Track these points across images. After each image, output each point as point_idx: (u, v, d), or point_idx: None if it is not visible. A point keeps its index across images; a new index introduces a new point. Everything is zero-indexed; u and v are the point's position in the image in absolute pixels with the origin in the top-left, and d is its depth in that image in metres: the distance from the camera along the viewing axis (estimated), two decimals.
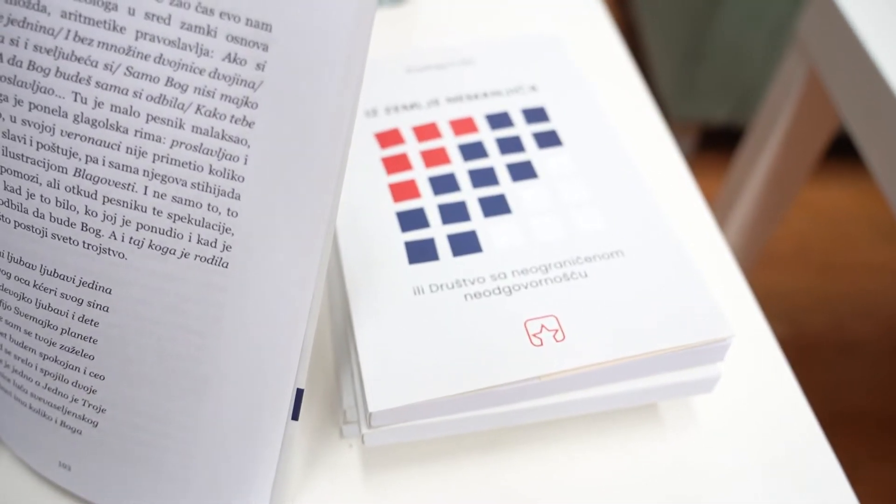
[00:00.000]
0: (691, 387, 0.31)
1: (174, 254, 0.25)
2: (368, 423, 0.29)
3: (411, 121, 0.38)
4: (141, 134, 0.24)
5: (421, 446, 0.33)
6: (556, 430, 0.34)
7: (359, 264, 0.32)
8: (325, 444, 0.33)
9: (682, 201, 0.43)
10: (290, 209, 0.25)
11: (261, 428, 0.28)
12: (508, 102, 0.39)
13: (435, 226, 0.34)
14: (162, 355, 0.27)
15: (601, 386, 0.30)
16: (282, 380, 0.27)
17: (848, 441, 1.03)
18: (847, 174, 1.37)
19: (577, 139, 0.37)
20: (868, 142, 0.54)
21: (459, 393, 0.29)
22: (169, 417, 0.28)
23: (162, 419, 0.28)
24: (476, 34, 0.53)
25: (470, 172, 0.36)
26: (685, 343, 0.30)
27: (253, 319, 0.26)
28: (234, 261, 0.25)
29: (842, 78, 0.57)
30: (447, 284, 0.32)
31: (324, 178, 0.24)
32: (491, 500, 0.32)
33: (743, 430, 0.34)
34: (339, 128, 0.24)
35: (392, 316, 0.31)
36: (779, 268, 1.22)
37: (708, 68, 1.16)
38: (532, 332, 0.30)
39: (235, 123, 0.24)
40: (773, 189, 0.72)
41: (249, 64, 0.23)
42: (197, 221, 0.25)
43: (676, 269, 0.32)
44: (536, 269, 0.32)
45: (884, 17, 0.56)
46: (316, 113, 0.23)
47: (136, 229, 0.25)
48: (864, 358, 1.12)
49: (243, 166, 0.24)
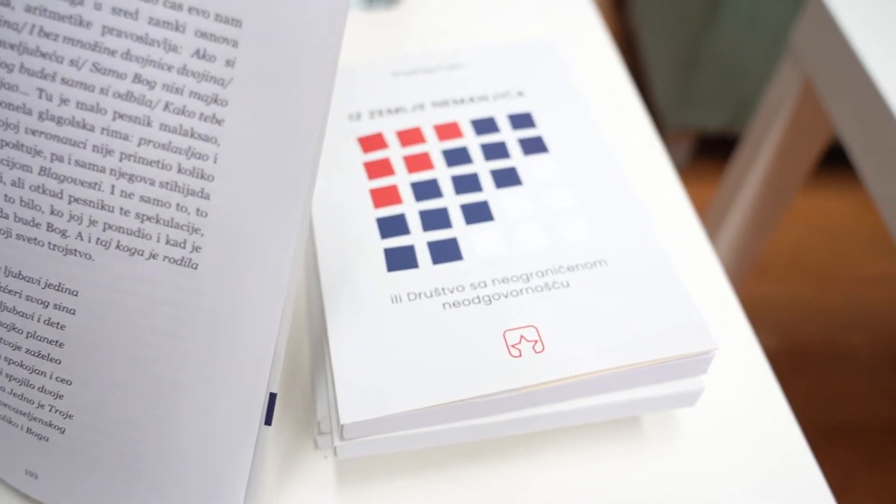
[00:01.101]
0: (674, 400, 0.30)
1: (142, 255, 0.25)
2: (340, 435, 0.28)
3: (395, 125, 0.38)
4: (107, 132, 0.23)
5: (397, 458, 0.32)
6: (537, 442, 0.33)
7: (336, 271, 0.32)
8: (300, 454, 0.32)
9: (671, 210, 0.42)
10: (262, 210, 0.24)
11: (233, 433, 0.27)
12: (495, 107, 0.38)
13: (415, 233, 0.33)
14: (131, 359, 0.26)
15: (581, 398, 0.30)
16: (254, 384, 0.26)
17: (843, 451, 1.02)
18: (844, 184, 1.36)
19: (564, 146, 0.37)
20: (861, 152, 0.53)
21: (434, 405, 0.28)
22: (139, 423, 0.27)
23: (132, 425, 0.27)
24: (469, 39, 0.52)
25: (453, 178, 0.35)
26: (667, 356, 0.29)
27: (224, 322, 0.25)
28: (203, 262, 0.25)
29: (835, 87, 0.56)
30: (426, 293, 0.31)
31: (296, 178, 0.24)
32: None
33: (728, 445, 0.33)
34: (311, 126, 0.23)
35: (368, 325, 0.30)
36: (773, 277, 1.22)
37: (704, 76, 1.15)
38: (511, 343, 0.29)
39: (205, 121, 0.23)
40: (766, 197, 0.72)
41: (219, 60, 0.22)
42: (165, 222, 0.24)
43: (661, 279, 0.32)
44: (517, 278, 0.31)
45: (878, 27, 0.55)
46: (288, 111, 0.23)
47: (103, 230, 0.24)
48: (859, 369, 1.11)
49: (213, 165, 0.23)
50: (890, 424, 1.05)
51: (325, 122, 0.23)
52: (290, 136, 0.23)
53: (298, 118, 0.23)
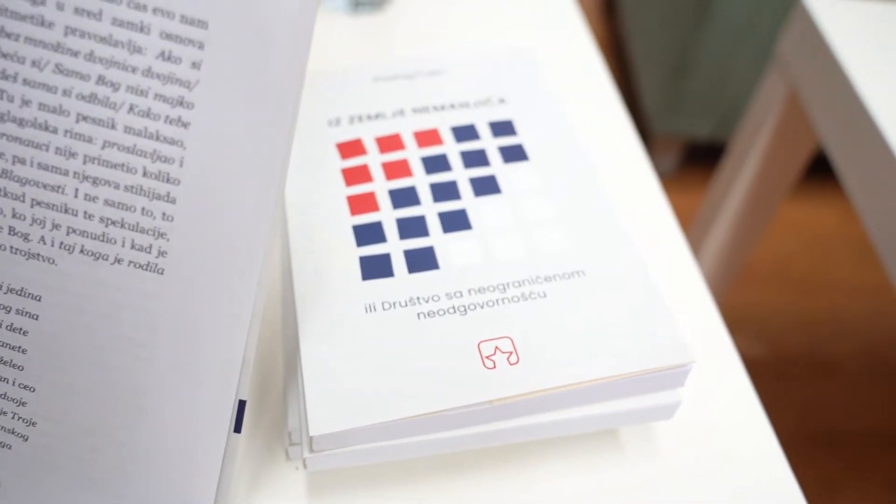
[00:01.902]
0: (651, 413, 0.30)
1: (107, 259, 0.24)
2: (310, 446, 0.28)
3: (375, 131, 0.37)
4: (71, 134, 0.23)
5: (370, 469, 0.32)
6: (513, 455, 0.32)
7: (310, 278, 0.31)
8: (271, 465, 0.31)
9: (653, 220, 0.42)
10: (230, 214, 0.24)
11: (201, 440, 0.26)
12: (476, 115, 0.38)
13: (392, 241, 0.32)
14: (95, 366, 0.26)
15: (556, 411, 0.29)
16: (223, 390, 0.26)
17: (827, 459, 1.02)
18: (830, 194, 1.37)
19: (544, 154, 0.36)
20: (844, 162, 0.53)
21: (406, 417, 0.27)
22: (104, 431, 0.26)
23: (97, 433, 0.27)
24: (455, 44, 0.52)
25: (431, 186, 0.35)
26: (644, 368, 0.29)
27: (191, 328, 0.25)
28: (169, 267, 0.24)
29: (820, 97, 0.56)
30: (400, 302, 0.30)
31: (265, 182, 0.23)
32: None
33: (706, 458, 0.33)
34: (280, 129, 0.23)
35: (341, 334, 0.29)
36: (759, 286, 1.22)
37: (693, 84, 1.15)
38: (485, 355, 0.29)
39: (170, 124, 0.22)
40: (752, 205, 0.72)
41: (185, 62, 0.22)
42: (130, 226, 0.24)
43: (639, 291, 0.31)
44: (494, 288, 0.31)
45: (863, 38, 0.55)
46: (256, 114, 0.22)
47: (67, 234, 0.24)
48: (843, 378, 1.11)
49: (179, 169, 0.23)
50: (874, 434, 1.05)
51: (295, 123, 0.22)
52: (258, 140, 0.23)
53: (267, 121, 0.22)
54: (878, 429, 1.06)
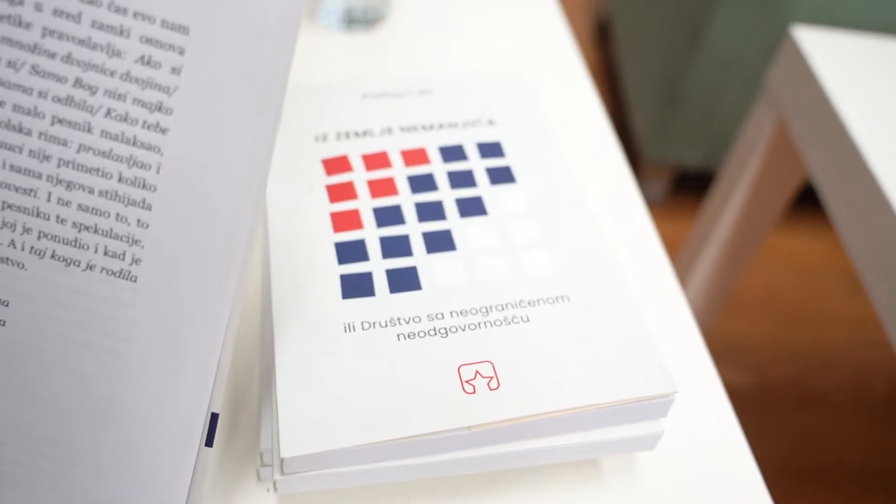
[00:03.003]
0: (632, 443, 0.29)
1: (78, 266, 0.23)
2: (281, 469, 0.27)
3: (362, 148, 0.37)
4: (45, 137, 0.22)
5: (343, 494, 0.31)
6: (492, 483, 0.31)
7: (289, 295, 0.31)
8: (242, 487, 0.31)
9: (640, 248, 0.42)
10: (206, 222, 0.23)
11: (171, 454, 0.25)
12: (464, 135, 0.37)
13: (374, 259, 0.32)
14: (63, 375, 0.25)
15: (536, 439, 0.28)
16: (195, 403, 0.25)
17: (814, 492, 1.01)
18: (818, 225, 1.37)
19: (532, 178, 0.36)
20: (832, 193, 0.53)
21: (381, 441, 0.27)
22: (69, 442, 0.25)
23: (62, 444, 0.26)
24: (447, 65, 0.52)
25: (417, 205, 0.34)
26: (626, 398, 0.28)
27: (163, 338, 0.24)
28: (143, 275, 0.23)
29: (808, 129, 0.56)
30: (380, 322, 0.30)
31: (244, 192, 0.22)
32: None
33: (689, 490, 0.32)
34: (261, 138, 0.22)
35: (318, 353, 0.29)
36: (746, 315, 1.21)
37: (683, 113, 1.16)
38: (465, 379, 0.28)
39: (148, 129, 0.22)
40: (740, 234, 0.72)
41: (164, 67, 0.21)
42: (104, 232, 0.23)
43: (624, 319, 0.31)
44: (476, 311, 0.30)
45: (851, 72, 0.56)
46: (236, 122, 0.22)
47: (38, 238, 0.23)
48: (830, 410, 1.11)
49: (155, 175, 0.22)
50: (861, 467, 1.05)
51: (276, 132, 0.22)
52: (237, 148, 0.22)
53: (247, 129, 0.22)
54: (866, 462, 1.05)
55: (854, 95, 0.53)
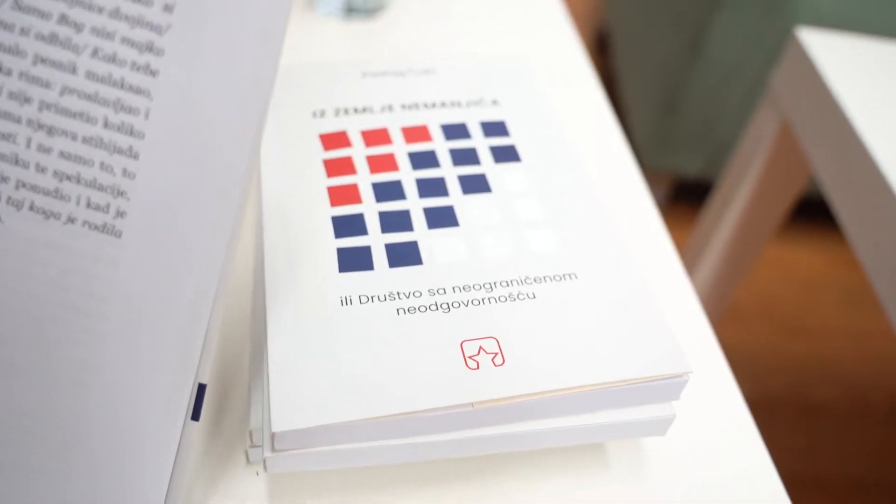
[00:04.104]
0: (642, 427, 0.28)
1: (59, 218, 0.22)
2: (272, 445, 0.25)
3: (361, 125, 0.35)
4: (26, 77, 0.21)
5: (336, 476, 0.29)
6: (492, 469, 0.30)
7: (282, 267, 0.29)
8: (229, 469, 0.29)
9: (650, 245, 0.40)
10: (198, 174, 0.21)
11: (153, 426, 0.24)
12: (467, 114, 0.36)
13: (373, 233, 0.30)
14: (39, 339, 0.23)
15: (542, 420, 0.27)
16: (180, 372, 0.23)
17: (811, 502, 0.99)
18: (817, 237, 1.37)
19: (537, 157, 0.35)
20: (838, 194, 0.52)
21: (378, 417, 0.25)
22: (45, 412, 0.24)
23: (36, 415, 0.24)
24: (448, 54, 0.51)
25: (418, 181, 0.33)
26: (637, 377, 0.27)
27: (147, 300, 0.22)
28: (128, 230, 0.22)
29: (814, 131, 0.55)
30: (379, 296, 0.28)
31: (239, 140, 0.21)
32: None
33: (698, 481, 0.30)
34: (258, 82, 0.21)
35: (313, 326, 0.27)
36: (744, 325, 1.20)
37: (682, 122, 1.15)
38: (468, 354, 0.27)
39: (137, 71, 0.20)
40: (739, 243, 0.71)
41: (156, 5, 0.20)
42: (87, 182, 0.21)
43: (633, 297, 0.29)
44: (480, 287, 0.29)
45: (856, 73, 0.55)
46: (232, 63, 0.20)
47: (16, 188, 0.22)
48: (828, 421, 1.09)
49: (144, 121, 0.21)
50: (860, 480, 1.03)
51: (274, 77, 0.21)
52: (233, 92, 0.21)
53: (244, 72, 0.20)
54: (865, 474, 1.04)
55: (861, 96, 0.52)
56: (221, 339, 0.32)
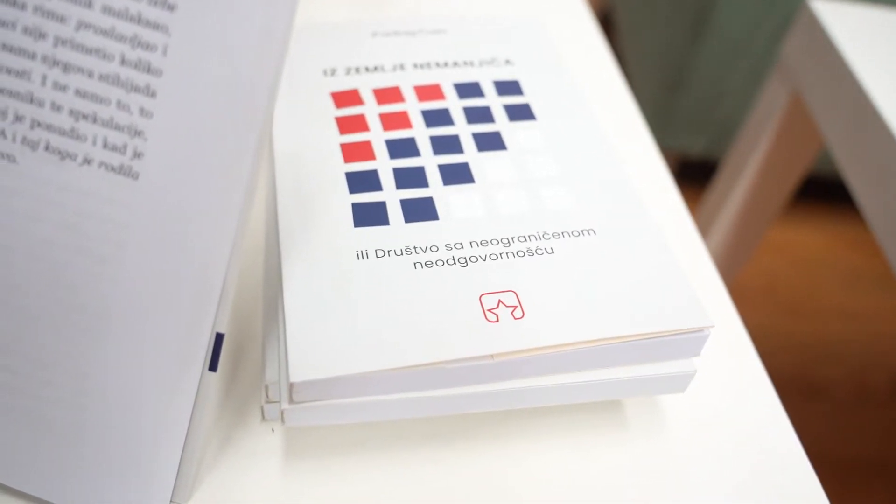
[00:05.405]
0: (662, 383, 0.28)
1: (74, 159, 0.21)
2: (290, 397, 0.25)
3: (373, 83, 0.35)
4: (41, 12, 0.20)
5: (351, 433, 0.29)
6: (509, 425, 0.30)
7: (296, 223, 0.29)
8: (244, 426, 0.28)
9: (663, 206, 0.40)
10: (216, 115, 0.21)
11: (170, 377, 0.23)
12: (480, 73, 0.36)
13: (388, 189, 0.30)
14: (53, 284, 0.22)
15: (561, 374, 0.27)
16: (198, 320, 0.23)
17: None
18: (820, 218, 1.36)
19: (552, 115, 0.34)
20: (851, 165, 0.51)
21: (397, 367, 0.25)
22: (61, 361, 0.23)
23: (52, 364, 0.23)
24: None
25: (432, 139, 0.32)
26: (657, 330, 0.26)
27: (164, 245, 0.22)
28: (145, 171, 0.21)
29: (826, 100, 0.55)
30: (395, 251, 0.28)
31: (258, 80, 0.20)
32: (428, 502, 0.27)
33: (716, 440, 0.30)
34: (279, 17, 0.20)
35: (329, 279, 0.27)
36: (747, 306, 1.20)
37: (687, 100, 1.15)
38: (487, 307, 0.26)
39: (154, 6, 0.20)
40: (744, 222, 0.70)
41: None
42: (104, 122, 0.21)
43: (651, 253, 0.29)
44: (497, 242, 0.28)
45: (868, 41, 0.54)
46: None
47: (31, 127, 0.21)
48: (832, 404, 1.09)
49: (161, 58, 0.20)
50: (863, 460, 1.03)
51: (294, 12, 0.20)
52: (253, 29, 0.20)
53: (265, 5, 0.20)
54: (867, 454, 1.04)
55: (875, 66, 0.52)
56: (233, 298, 0.32)
